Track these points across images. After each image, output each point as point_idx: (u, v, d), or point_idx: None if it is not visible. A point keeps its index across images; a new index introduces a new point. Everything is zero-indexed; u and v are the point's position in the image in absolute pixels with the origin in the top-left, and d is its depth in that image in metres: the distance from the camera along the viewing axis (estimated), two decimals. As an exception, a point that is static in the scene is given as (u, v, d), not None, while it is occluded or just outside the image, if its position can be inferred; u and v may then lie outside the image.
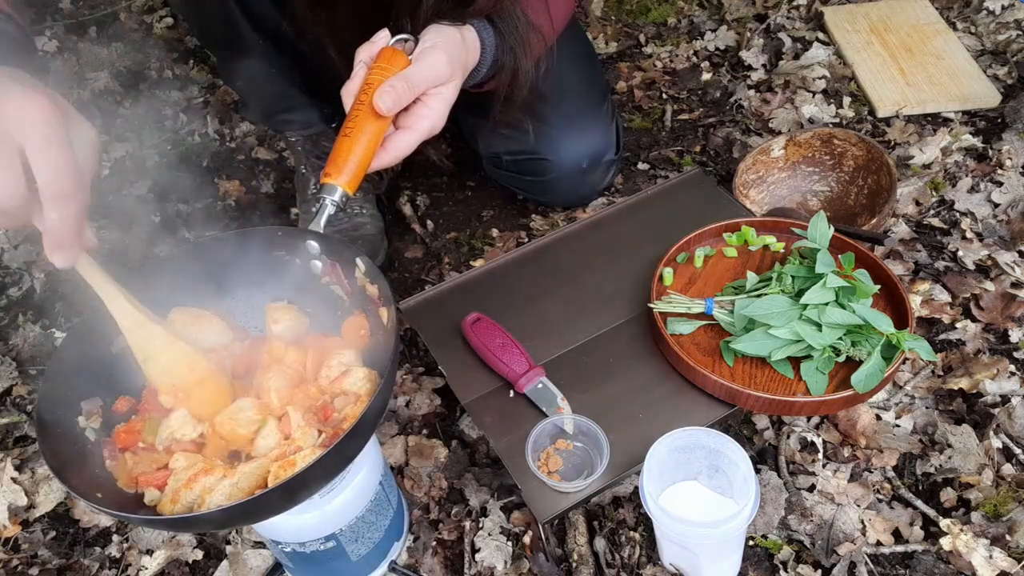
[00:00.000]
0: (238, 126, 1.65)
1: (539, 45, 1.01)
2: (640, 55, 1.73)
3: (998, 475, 0.99)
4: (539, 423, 0.95)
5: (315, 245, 0.83)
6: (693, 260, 1.13)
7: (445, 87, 0.85)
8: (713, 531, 0.79)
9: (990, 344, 1.13)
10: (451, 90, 0.86)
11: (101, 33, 1.90)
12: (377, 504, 0.88)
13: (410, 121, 0.85)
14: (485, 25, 0.93)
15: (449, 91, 0.86)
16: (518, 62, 0.98)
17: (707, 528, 0.79)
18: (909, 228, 1.29)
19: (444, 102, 0.85)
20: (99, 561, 1.04)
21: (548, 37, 1.04)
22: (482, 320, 1.07)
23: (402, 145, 0.84)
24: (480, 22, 0.93)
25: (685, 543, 0.84)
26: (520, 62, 0.99)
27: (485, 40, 0.93)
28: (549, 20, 1.03)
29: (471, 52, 0.90)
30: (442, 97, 0.85)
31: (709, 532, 0.80)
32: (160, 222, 1.48)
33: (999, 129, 1.43)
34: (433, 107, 0.85)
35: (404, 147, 0.84)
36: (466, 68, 0.90)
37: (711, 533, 0.80)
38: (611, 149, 1.30)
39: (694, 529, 0.79)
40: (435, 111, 0.85)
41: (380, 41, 0.86)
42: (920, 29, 1.61)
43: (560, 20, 1.09)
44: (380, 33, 0.87)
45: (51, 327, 1.32)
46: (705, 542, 0.83)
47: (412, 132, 0.84)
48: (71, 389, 0.75)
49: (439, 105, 0.85)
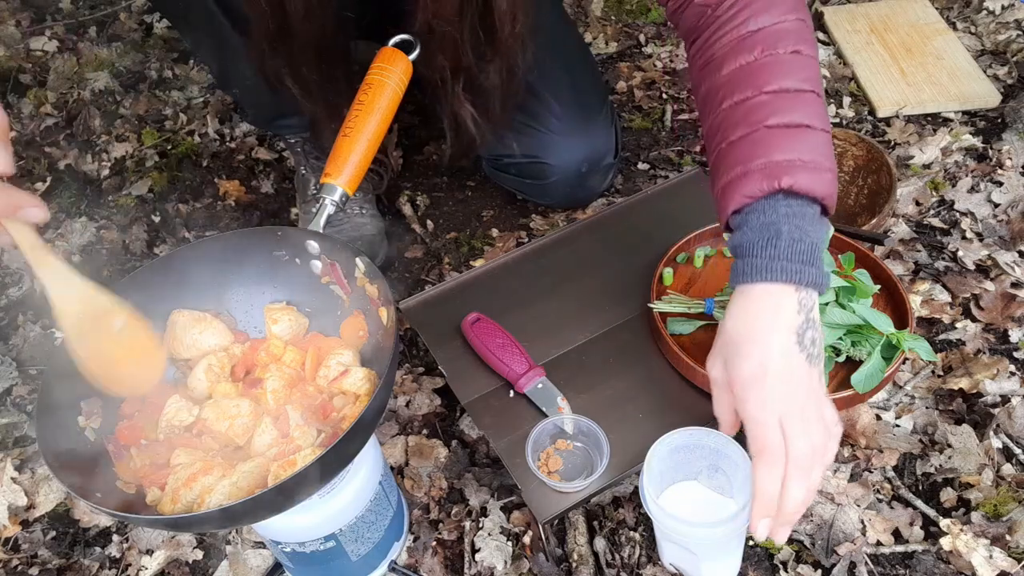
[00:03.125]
0: (238, 126, 1.65)
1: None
2: (640, 55, 1.73)
3: (998, 475, 0.99)
4: (539, 423, 0.95)
5: (315, 245, 0.83)
6: (693, 260, 1.13)
7: None
8: (713, 531, 0.79)
9: (990, 344, 1.13)
10: None
11: (101, 33, 1.90)
12: (377, 504, 0.88)
13: None
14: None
15: None
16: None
17: (707, 528, 0.79)
18: (909, 228, 1.29)
19: None
20: (99, 561, 1.04)
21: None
22: (482, 320, 1.07)
23: None
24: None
25: (685, 543, 0.84)
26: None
27: None
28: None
29: None
30: None
31: (709, 532, 0.79)
32: (160, 222, 1.48)
33: (999, 129, 1.43)
34: None
35: None
36: None
37: (711, 533, 0.80)
38: (610, 153, 1.31)
39: (694, 529, 0.79)
40: None
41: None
42: (920, 29, 1.61)
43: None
44: None
45: (51, 327, 1.32)
46: (705, 542, 0.83)
47: None
48: (71, 389, 0.75)
49: None
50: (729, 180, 0.79)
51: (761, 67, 0.80)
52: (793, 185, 0.75)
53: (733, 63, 0.82)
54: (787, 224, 0.75)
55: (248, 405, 0.77)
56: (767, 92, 0.79)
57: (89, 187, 1.55)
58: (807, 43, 0.82)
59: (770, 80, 0.80)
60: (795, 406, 0.74)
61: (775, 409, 0.74)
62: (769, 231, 0.75)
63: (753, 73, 0.81)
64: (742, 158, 0.78)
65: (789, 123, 0.78)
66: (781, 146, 0.77)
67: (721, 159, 0.82)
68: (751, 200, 0.77)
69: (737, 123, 0.80)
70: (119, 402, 0.78)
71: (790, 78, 0.80)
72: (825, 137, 0.79)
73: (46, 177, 1.57)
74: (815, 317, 0.77)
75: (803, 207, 0.76)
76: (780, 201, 0.76)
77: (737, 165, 0.79)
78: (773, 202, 0.76)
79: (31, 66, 1.81)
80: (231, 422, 0.76)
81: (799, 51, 0.81)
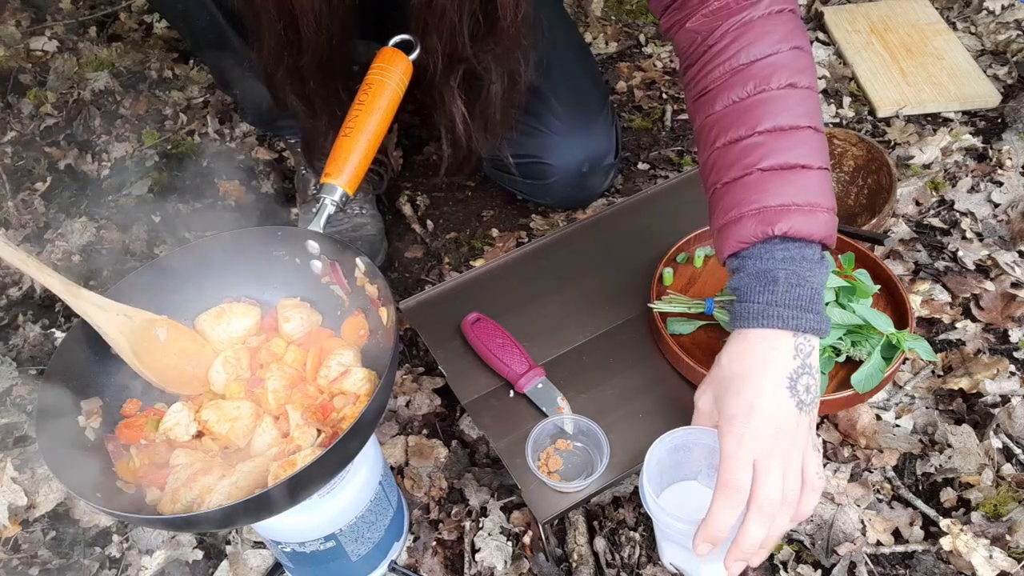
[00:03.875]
0: (238, 126, 1.65)
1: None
2: (640, 55, 1.73)
3: (998, 475, 0.99)
4: (539, 423, 0.95)
5: (315, 245, 0.83)
6: (693, 260, 1.13)
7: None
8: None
9: (990, 344, 1.13)
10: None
11: (101, 33, 1.90)
12: (377, 504, 0.88)
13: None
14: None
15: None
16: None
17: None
18: (909, 228, 1.29)
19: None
20: (99, 561, 1.04)
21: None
22: (482, 320, 1.07)
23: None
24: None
25: (685, 542, 0.84)
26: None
27: None
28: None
29: None
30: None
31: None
32: (160, 222, 1.48)
33: (999, 129, 1.43)
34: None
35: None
36: None
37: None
38: (611, 153, 1.31)
39: (693, 528, 0.79)
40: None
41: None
42: (920, 29, 1.61)
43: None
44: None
45: (51, 327, 1.32)
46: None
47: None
48: (71, 389, 0.75)
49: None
50: (725, 223, 0.79)
51: (754, 104, 0.78)
52: (788, 231, 0.75)
53: (726, 98, 0.80)
54: (784, 270, 0.75)
55: (249, 407, 0.77)
56: (761, 132, 0.77)
57: (89, 187, 1.55)
58: (803, 73, 0.79)
59: (763, 118, 0.78)
60: (775, 450, 0.73)
61: (751, 448, 0.73)
62: (766, 277, 0.75)
63: (746, 111, 0.79)
64: (736, 202, 0.77)
65: (783, 164, 0.76)
66: (775, 190, 0.76)
67: (717, 200, 0.81)
68: (746, 245, 0.77)
69: (731, 164, 0.79)
70: (120, 402, 0.79)
71: (785, 114, 0.77)
72: (822, 175, 0.78)
73: (46, 177, 1.57)
74: (812, 363, 0.76)
75: (801, 250, 0.76)
76: (777, 246, 0.76)
77: (732, 208, 0.78)
78: (769, 247, 0.76)
79: (31, 66, 1.81)
80: (232, 424, 0.76)
81: (794, 84, 0.78)
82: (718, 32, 0.81)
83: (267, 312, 0.86)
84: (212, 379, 0.81)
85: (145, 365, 0.77)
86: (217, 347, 0.83)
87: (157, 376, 0.78)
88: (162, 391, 0.79)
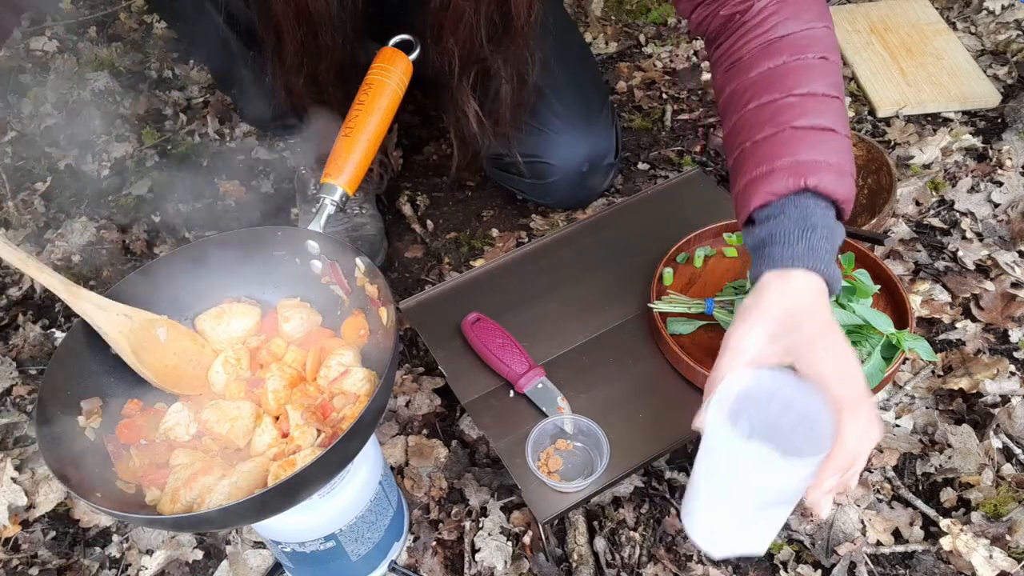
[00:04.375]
0: (238, 126, 1.65)
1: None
2: (640, 55, 1.73)
3: (998, 475, 0.99)
4: (539, 423, 0.95)
5: (315, 245, 0.83)
6: (693, 260, 1.13)
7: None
8: (802, 469, 0.67)
9: (990, 344, 1.13)
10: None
11: (101, 33, 1.90)
12: (377, 504, 0.88)
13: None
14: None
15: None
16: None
17: (795, 465, 0.67)
18: (909, 228, 1.29)
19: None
20: (99, 561, 1.04)
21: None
22: (482, 320, 1.07)
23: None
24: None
25: (751, 481, 0.71)
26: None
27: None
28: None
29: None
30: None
31: (797, 470, 0.67)
32: (160, 222, 1.48)
33: (999, 129, 1.43)
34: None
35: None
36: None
37: (797, 472, 0.68)
38: (611, 153, 1.31)
39: (782, 464, 0.67)
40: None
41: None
42: (920, 29, 1.61)
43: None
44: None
45: (51, 327, 1.32)
46: (784, 484, 0.70)
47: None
48: (71, 389, 0.75)
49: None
50: (754, 177, 0.79)
51: (790, 71, 0.81)
52: (818, 185, 0.75)
53: (762, 66, 0.83)
54: (819, 220, 0.75)
55: (249, 407, 0.77)
56: (796, 95, 0.80)
57: (89, 187, 1.55)
58: (833, 50, 0.83)
59: (799, 83, 0.80)
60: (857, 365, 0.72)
61: (855, 363, 0.71)
62: (805, 223, 0.75)
63: (782, 76, 0.81)
64: (768, 156, 0.78)
65: (815, 125, 0.78)
66: (807, 147, 0.77)
67: (746, 157, 0.81)
68: (776, 197, 0.77)
69: (764, 123, 0.80)
70: (120, 402, 0.79)
71: (818, 83, 0.80)
72: (847, 143, 0.80)
73: (46, 177, 1.57)
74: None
75: (827, 208, 0.77)
76: (809, 198, 0.76)
77: (763, 163, 0.78)
78: (803, 199, 0.76)
79: (31, 66, 1.81)
80: (232, 424, 0.76)
81: (826, 57, 0.82)
82: (754, 9, 0.84)
83: (267, 312, 0.86)
84: (212, 379, 0.81)
85: (145, 365, 0.77)
86: (217, 347, 0.83)
87: (157, 376, 0.78)
88: (162, 391, 0.79)
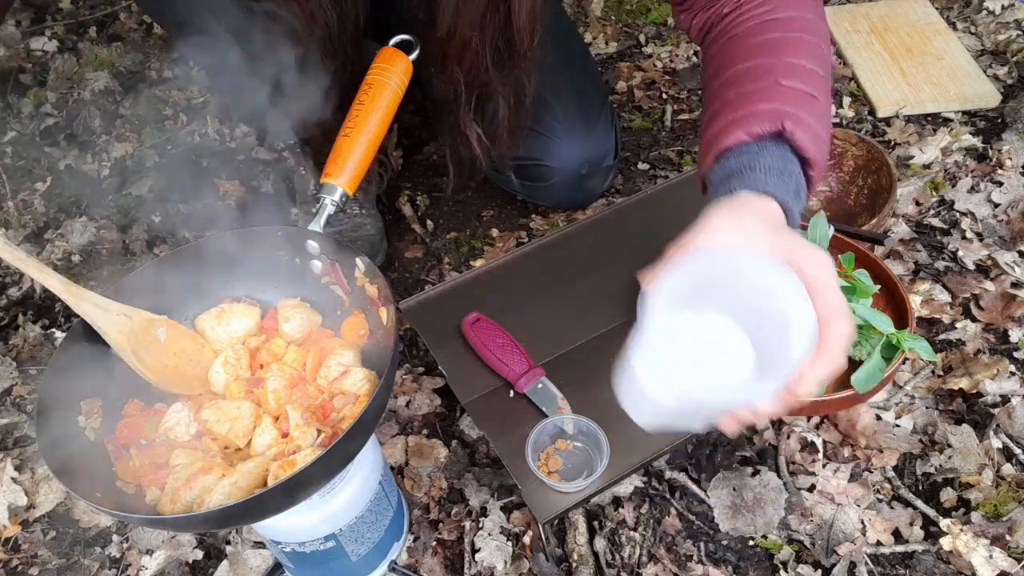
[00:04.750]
0: (238, 126, 1.64)
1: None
2: (640, 55, 1.73)
3: (998, 475, 0.99)
4: (539, 423, 0.95)
5: (315, 245, 0.83)
6: (693, 260, 1.13)
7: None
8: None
9: (990, 344, 1.13)
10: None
11: (101, 33, 1.90)
12: (377, 504, 0.88)
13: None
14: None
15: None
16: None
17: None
18: (909, 228, 1.29)
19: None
20: (99, 561, 1.04)
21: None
22: (482, 320, 1.07)
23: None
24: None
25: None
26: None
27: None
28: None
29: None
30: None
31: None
32: (160, 222, 1.48)
33: (999, 129, 1.43)
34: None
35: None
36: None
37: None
38: (610, 154, 1.31)
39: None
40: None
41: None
42: (920, 29, 1.61)
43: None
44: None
45: (51, 327, 1.32)
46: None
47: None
48: (71, 389, 0.75)
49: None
50: (733, 119, 0.77)
51: (785, 42, 0.82)
52: (794, 133, 0.74)
53: (758, 37, 0.83)
54: (796, 172, 0.74)
55: (249, 407, 0.77)
56: (788, 61, 0.80)
57: (89, 187, 1.55)
58: (826, 39, 0.84)
59: (793, 54, 0.80)
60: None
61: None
62: (784, 167, 0.73)
63: (777, 45, 0.82)
64: (750, 101, 0.77)
65: (800, 88, 0.78)
66: (790, 102, 0.76)
67: (725, 105, 0.79)
68: (750, 140, 0.75)
69: (752, 79, 0.80)
70: (120, 402, 0.79)
71: (811, 60, 0.80)
72: (828, 115, 0.79)
73: (46, 177, 1.57)
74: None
75: (795, 166, 0.75)
76: (784, 147, 0.74)
77: (743, 107, 0.78)
78: (780, 145, 0.74)
79: (31, 66, 1.81)
80: (231, 424, 0.76)
81: (819, 42, 0.83)
82: (755, 1, 0.85)
83: (267, 312, 0.86)
84: (212, 379, 0.81)
85: (145, 365, 0.77)
86: (217, 347, 0.83)
87: (157, 376, 0.78)
88: (162, 391, 0.79)
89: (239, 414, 0.76)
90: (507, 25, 0.93)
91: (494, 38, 0.94)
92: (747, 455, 1.04)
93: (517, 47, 0.95)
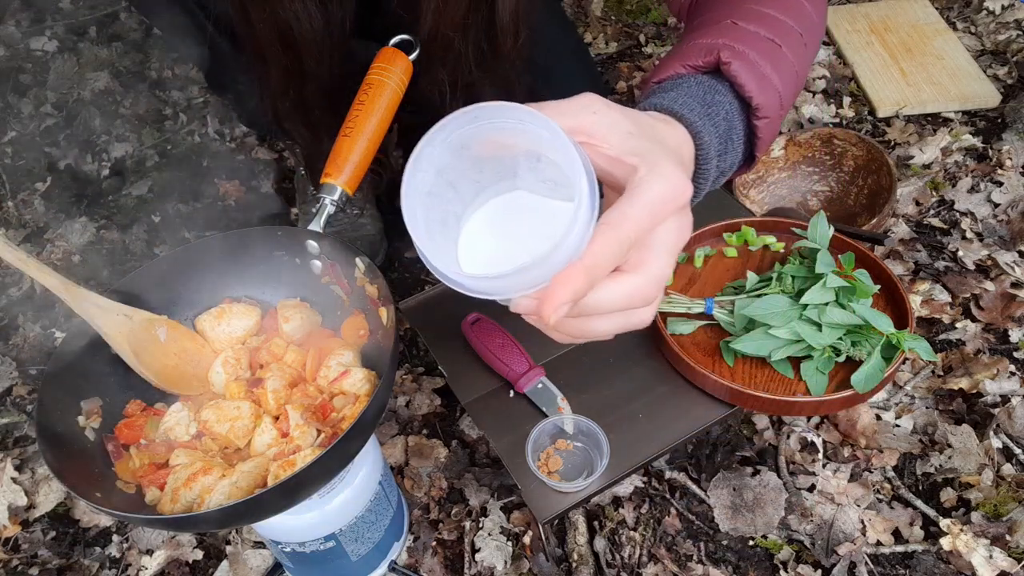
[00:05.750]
0: (238, 126, 1.65)
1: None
2: (640, 55, 1.73)
3: (998, 475, 0.99)
4: (539, 423, 0.95)
5: (315, 245, 0.83)
6: (693, 260, 1.13)
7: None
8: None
9: (990, 344, 1.13)
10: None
11: (101, 33, 1.90)
12: (377, 504, 0.88)
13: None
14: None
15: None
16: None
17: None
18: (909, 228, 1.29)
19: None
20: (99, 561, 1.04)
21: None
22: (482, 320, 1.06)
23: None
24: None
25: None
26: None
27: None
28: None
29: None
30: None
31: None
32: (160, 222, 1.48)
33: (999, 129, 1.43)
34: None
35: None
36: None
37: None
38: None
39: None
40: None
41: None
42: (920, 29, 1.61)
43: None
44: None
45: (51, 327, 1.32)
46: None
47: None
48: (71, 389, 0.75)
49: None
50: (673, 54, 0.71)
51: (765, 2, 0.73)
52: (729, 66, 0.66)
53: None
54: (724, 99, 0.66)
55: (249, 407, 0.77)
56: (750, 7, 0.72)
57: (89, 187, 1.55)
58: (816, 4, 0.76)
59: (758, 3, 0.73)
60: (683, 229, 0.55)
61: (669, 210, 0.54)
62: (712, 96, 0.65)
63: (754, 3, 0.73)
64: (694, 38, 0.71)
65: (758, 32, 0.70)
66: (738, 39, 0.68)
67: (673, 49, 0.73)
68: (685, 72, 0.68)
69: (707, 23, 0.73)
70: (120, 402, 0.79)
71: (785, 13, 0.72)
72: (791, 71, 0.70)
73: (46, 177, 1.57)
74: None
75: (728, 101, 0.67)
76: (722, 83, 0.67)
77: (684, 44, 0.71)
78: (714, 79, 0.67)
79: (31, 66, 1.81)
80: (231, 424, 0.76)
81: (802, 1, 0.75)
82: None
83: (267, 312, 0.86)
84: (212, 379, 0.81)
85: (145, 365, 0.77)
86: (217, 347, 0.83)
87: (157, 376, 0.78)
88: (162, 391, 0.79)
89: (239, 414, 0.76)
90: (490, 26, 0.93)
91: (477, 39, 0.93)
92: (747, 455, 1.05)
93: (500, 48, 0.94)
